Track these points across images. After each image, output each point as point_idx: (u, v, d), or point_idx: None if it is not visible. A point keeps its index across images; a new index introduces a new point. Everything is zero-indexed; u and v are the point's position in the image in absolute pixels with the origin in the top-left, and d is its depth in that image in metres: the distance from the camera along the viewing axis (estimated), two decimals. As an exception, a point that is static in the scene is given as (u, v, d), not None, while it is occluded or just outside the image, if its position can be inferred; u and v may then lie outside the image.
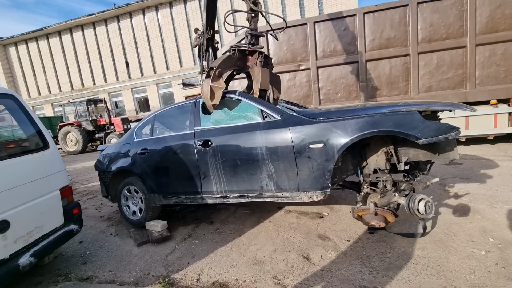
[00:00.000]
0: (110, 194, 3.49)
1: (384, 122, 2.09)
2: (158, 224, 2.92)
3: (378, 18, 5.04)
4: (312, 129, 2.32)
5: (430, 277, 1.89)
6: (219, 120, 2.86)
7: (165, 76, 19.47)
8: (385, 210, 2.29)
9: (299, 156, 2.36)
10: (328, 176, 2.30)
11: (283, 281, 2.03)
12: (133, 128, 3.45)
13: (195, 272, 2.27)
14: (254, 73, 3.00)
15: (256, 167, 2.53)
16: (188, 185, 2.87)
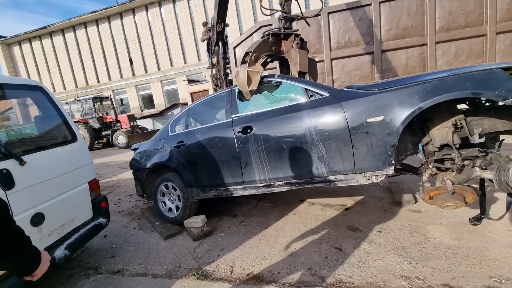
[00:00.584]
0: (146, 192, 3.43)
1: (460, 84, 1.78)
2: (198, 220, 2.88)
3: (394, 7, 4.93)
4: (368, 101, 2.07)
5: (472, 267, 1.85)
6: (258, 106, 2.70)
7: (169, 72, 19.41)
8: (465, 187, 1.89)
9: (355, 133, 2.12)
10: (391, 153, 2.04)
11: (319, 272, 2.00)
12: (167, 123, 3.40)
13: (227, 264, 2.24)
14: (291, 56, 2.95)
15: (304, 150, 2.33)
16: (228, 176, 2.72)
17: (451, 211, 2.63)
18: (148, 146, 3.44)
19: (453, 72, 1.87)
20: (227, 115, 2.82)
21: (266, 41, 2.86)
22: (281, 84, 2.62)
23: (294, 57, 2.88)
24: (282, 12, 3.10)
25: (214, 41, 6.83)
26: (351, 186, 3.67)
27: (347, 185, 2.34)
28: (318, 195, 3.53)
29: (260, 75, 2.70)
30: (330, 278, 1.91)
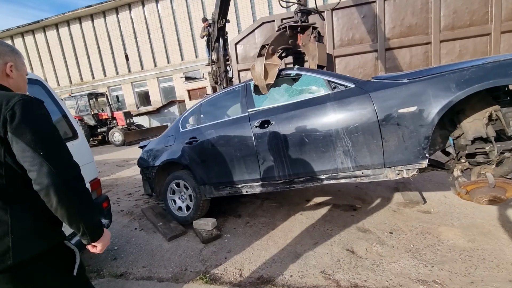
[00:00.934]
0: (155, 191, 3.32)
1: (503, 70, 1.69)
2: (208, 223, 2.78)
3: (399, 4, 4.86)
4: (400, 91, 1.97)
5: (490, 270, 1.80)
6: (276, 99, 2.61)
7: (166, 69, 19.16)
8: (507, 180, 1.81)
9: (384, 124, 2.02)
10: (425, 145, 1.94)
11: (333, 275, 1.93)
12: (178, 119, 3.29)
13: (235, 267, 2.16)
14: (309, 49, 2.87)
15: (328, 144, 2.21)
16: (245, 172, 2.62)
17: (462, 212, 2.59)
18: (157, 143, 3.35)
19: (491, 60, 1.77)
20: (243, 109, 2.71)
21: (283, 34, 2.79)
22: (300, 77, 2.53)
23: (313, 50, 2.81)
24: (299, 5, 3.03)
25: (214, 37, 6.72)
26: (357, 186, 3.62)
27: (375, 181, 2.25)
28: (324, 194, 3.46)
29: (278, 68, 2.60)
30: (345, 282, 1.84)
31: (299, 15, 2.97)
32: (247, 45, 5.78)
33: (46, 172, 0.84)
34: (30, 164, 0.85)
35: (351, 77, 2.32)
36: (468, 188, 1.91)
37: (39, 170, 0.85)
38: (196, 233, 2.77)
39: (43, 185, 0.84)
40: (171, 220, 3.10)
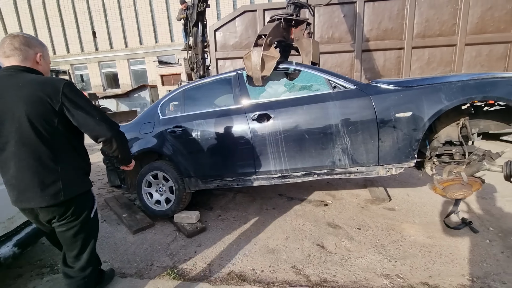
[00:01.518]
0: (125, 182, 2.99)
1: (482, 87, 2.00)
2: (192, 216, 2.65)
3: (377, 8, 5.01)
4: (398, 97, 2.17)
5: (446, 265, 1.94)
6: (274, 93, 2.58)
7: (138, 51, 18.06)
8: (475, 178, 2.13)
9: (382, 126, 2.20)
10: (415, 147, 2.18)
11: (303, 270, 1.95)
12: (155, 105, 2.99)
13: (205, 262, 2.10)
14: (302, 45, 2.83)
15: (328, 141, 2.32)
16: (238, 165, 2.56)
17: (422, 210, 2.76)
18: (129, 129, 2.94)
19: (473, 77, 2.08)
20: (236, 100, 2.62)
21: (278, 26, 2.70)
22: (299, 72, 2.53)
23: (307, 46, 2.77)
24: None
25: (193, 22, 6.41)
26: (328, 182, 3.71)
27: (366, 176, 2.41)
28: (296, 189, 3.50)
29: (276, 61, 2.51)
30: (315, 277, 1.87)
31: (292, 7, 2.91)
32: (227, 33, 5.59)
33: (106, 128, 1.28)
34: (93, 125, 1.25)
35: (351, 79, 2.44)
36: (445, 184, 2.17)
37: (101, 128, 1.27)
38: (178, 227, 2.63)
39: (108, 137, 1.29)
40: (138, 212, 2.92)
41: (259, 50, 2.44)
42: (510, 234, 2.26)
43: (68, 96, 1.19)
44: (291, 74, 2.66)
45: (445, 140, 2.26)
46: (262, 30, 2.67)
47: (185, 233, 2.50)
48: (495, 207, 2.74)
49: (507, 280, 1.75)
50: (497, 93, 1.98)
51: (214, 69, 5.76)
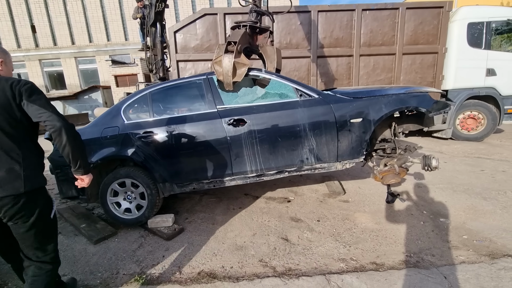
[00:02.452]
0: (86, 193, 2.70)
1: (410, 100, 2.65)
2: (167, 219, 2.64)
3: (330, 17, 5.45)
4: (352, 105, 2.63)
5: (390, 246, 2.25)
6: (247, 99, 2.75)
7: (87, 49, 16.69)
8: (403, 169, 2.79)
9: (340, 130, 2.62)
10: (364, 146, 2.69)
11: (270, 262, 2.09)
12: (116, 109, 2.79)
13: (174, 265, 2.11)
14: (266, 52, 2.98)
15: (298, 143, 2.64)
16: (216, 168, 2.67)
17: (371, 200, 3.12)
18: (87, 133, 2.70)
19: (404, 91, 2.70)
20: (209, 104, 2.70)
21: (246, 33, 2.81)
22: (269, 80, 2.75)
23: (271, 54, 2.93)
24: (254, 5, 3.08)
25: (150, 21, 6.18)
26: (290, 180, 3.95)
27: (327, 171, 2.80)
28: (261, 188, 3.66)
29: (247, 67, 2.63)
30: (280, 268, 2.02)
31: (254, 15, 3.03)
32: (187, 35, 5.55)
33: (56, 119, 1.31)
34: (45, 116, 1.30)
35: (314, 88, 2.81)
36: (383, 174, 2.80)
37: (52, 119, 1.30)
38: (154, 231, 2.58)
39: (57, 127, 1.30)
40: (97, 221, 2.78)
41: (231, 57, 2.54)
42: (439, 216, 2.69)
43: (26, 90, 1.30)
44: (260, 81, 2.82)
45: (380, 138, 2.95)
46: (231, 37, 2.75)
47: (164, 237, 2.48)
48: (427, 194, 3.23)
49: (436, 253, 2.11)
50: (416, 104, 2.67)
51: (175, 71, 5.67)
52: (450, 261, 2.01)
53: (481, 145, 5.52)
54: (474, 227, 2.46)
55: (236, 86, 2.71)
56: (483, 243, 2.21)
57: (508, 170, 3.91)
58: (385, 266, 1.99)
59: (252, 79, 2.83)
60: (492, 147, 5.33)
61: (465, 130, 5.85)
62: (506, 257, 2.02)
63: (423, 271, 1.91)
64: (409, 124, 3.04)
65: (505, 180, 3.55)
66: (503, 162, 4.34)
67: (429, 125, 2.92)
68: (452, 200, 3.02)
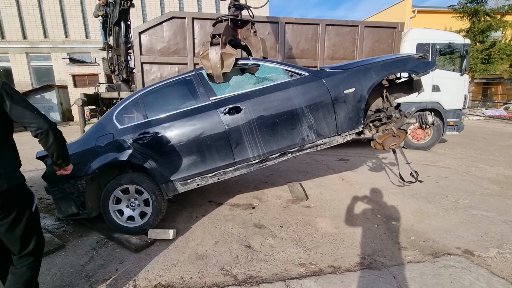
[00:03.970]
0: (86, 206, 2.59)
1: (396, 64, 2.71)
2: (169, 232, 2.53)
3: (296, 30, 5.68)
4: (343, 77, 2.66)
5: (347, 249, 2.36)
6: (240, 87, 2.71)
7: (42, 45, 15.33)
8: (401, 131, 2.89)
9: (336, 102, 2.64)
10: (361, 114, 2.70)
11: (231, 271, 2.06)
12: (108, 116, 2.74)
13: (128, 279, 1.98)
14: (251, 42, 3.00)
15: (296, 121, 2.63)
16: (217, 159, 2.62)
17: (332, 205, 3.26)
18: (79, 147, 2.61)
19: (389, 58, 2.77)
20: (202, 98, 2.70)
21: (228, 26, 2.82)
22: (258, 66, 2.75)
23: (256, 44, 2.97)
24: (233, 0, 3.15)
25: (114, 20, 5.91)
26: (255, 186, 3.97)
27: (329, 146, 2.80)
28: (226, 195, 3.62)
29: (234, 57, 2.63)
30: (242, 275, 2.00)
31: (233, 9, 3.10)
32: (154, 37, 5.38)
33: (43, 121, 1.35)
34: (31, 118, 1.33)
35: (303, 67, 2.85)
36: (382, 139, 2.87)
37: (38, 121, 1.34)
38: (123, 243, 2.43)
39: (45, 129, 1.35)
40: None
41: (217, 49, 2.56)
42: (391, 219, 2.90)
43: (8, 91, 1.31)
44: (250, 69, 2.87)
45: (375, 108, 3.00)
46: (215, 30, 2.76)
47: (132, 248, 2.34)
48: (381, 199, 3.46)
49: (387, 254, 2.25)
50: (404, 67, 2.73)
51: (139, 73, 5.43)
52: (399, 261, 2.16)
53: (428, 153, 6.10)
54: (421, 228, 2.69)
55: (226, 78, 2.73)
56: (427, 243, 2.42)
57: (449, 176, 4.37)
58: (342, 269, 2.08)
59: (241, 70, 2.86)
60: (437, 155, 5.92)
61: (415, 139, 6.43)
62: (446, 256, 2.23)
63: (375, 272, 2.03)
64: (400, 93, 3.10)
65: (447, 185, 3.95)
66: (446, 169, 4.84)
67: (419, 90, 2.94)
68: (402, 204, 3.28)
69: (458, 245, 2.39)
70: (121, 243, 2.39)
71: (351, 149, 6.51)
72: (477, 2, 14.80)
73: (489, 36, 15.17)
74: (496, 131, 9.68)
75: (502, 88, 21.10)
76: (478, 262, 2.14)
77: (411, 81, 2.97)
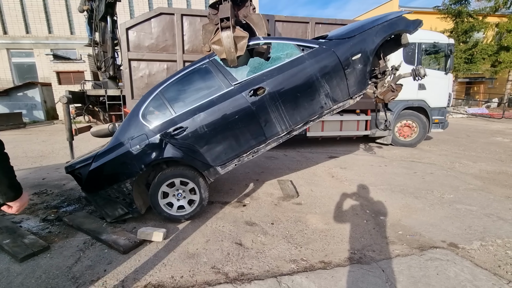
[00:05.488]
0: (136, 205, 2.74)
1: (393, 26, 3.00)
2: (159, 234, 2.44)
3: (286, 27, 5.67)
4: (349, 44, 2.86)
5: (337, 244, 2.39)
6: (255, 68, 2.83)
7: (24, 40, 14.77)
8: (399, 85, 3.35)
9: (346, 69, 2.85)
10: (367, 76, 2.98)
11: (223, 269, 2.05)
12: (133, 117, 2.74)
13: (117, 279, 1.94)
14: (253, 20, 2.95)
15: (314, 92, 2.83)
16: (250, 138, 2.79)
17: (322, 202, 3.30)
18: (114, 154, 2.61)
19: (385, 20, 3.01)
20: (225, 84, 2.76)
21: (232, 6, 2.79)
22: (270, 44, 2.88)
23: (258, 21, 2.95)
24: None
25: (100, 15, 5.76)
26: (246, 184, 3.97)
27: (343, 108, 3.10)
28: (217, 193, 3.60)
29: (246, 39, 2.63)
30: (233, 273, 2.00)
31: None
32: (142, 33, 5.27)
33: None
34: None
35: (312, 40, 3.07)
36: (383, 94, 3.30)
37: None
38: (110, 244, 2.34)
39: None
40: (26, 235, 2.43)
41: (229, 32, 2.56)
42: (379, 214, 2.96)
43: None
44: (259, 49, 2.91)
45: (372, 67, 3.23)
46: (222, 13, 2.71)
47: (120, 250, 2.27)
48: (370, 194, 3.53)
49: (376, 249, 2.30)
50: (402, 27, 3.05)
51: (126, 70, 5.30)
52: (387, 255, 2.21)
53: (415, 150, 6.26)
54: (408, 223, 2.75)
55: (239, 61, 2.75)
56: (414, 237, 2.49)
57: (435, 172, 4.50)
58: (332, 264, 2.10)
59: (249, 51, 2.87)
60: (423, 152, 6.08)
61: (402, 137, 6.58)
62: (432, 249, 2.29)
63: (365, 266, 2.06)
64: (389, 50, 3.38)
65: (432, 181, 4.07)
66: (431, 165, 4.98)
67: (405, 44, 3.20)
68: (390, 199, 3.35)
69: (443, 238, 2.46)
70: (109, 245, 2.34)
71: (341, 147, 6.60)
72: (460, 3, 15.26)
73: (471, 36, 15.69)
74: (478, 129, 10.04)
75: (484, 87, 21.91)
76: (462, 254, 2.21)
77: (399, 38, 3.20)
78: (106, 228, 2.58)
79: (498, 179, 4.15)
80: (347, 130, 6.40)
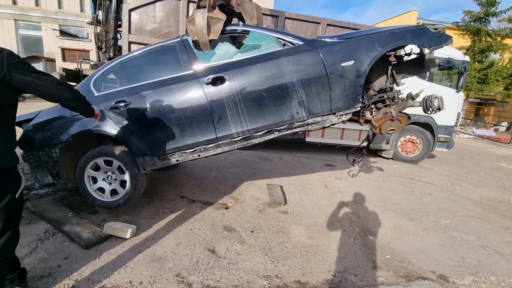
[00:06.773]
0: (61, 176, 2.56)
1: (404, 35, 2.36)
2: (127, 230, 2.25)
3: (296, 26, 5.46)
4: (341, 47, 2.34)
5: (318, 263, 2.20)
6: (226, 55, 2.48)
7: (32, 13, 14.59)
8: (403, 114, 2.58)
9: (332, 76, 2.34)
10: (359, 91, 2.39)
11: (188, 278, 1.87)
12: (86, 81, 2.59)
13: (69, 278, 1.76)
14: (245, 9, 2.73)
15: (285, 96, 2.37)
16: (197, 133, 2.44)
17: (309, 213, 3.10)
18: (54, 113, 2.51)
19: (399, 28, 2.42)
20: (185, 66, 2.48)
21: None
22: (248, 33, 2.50)
23: (250, 10, 2.72)
24: None
25: (105, -7, 5.54)
26: (234, 185, 3.78)
27: (321, 127, 2.55)
28: (200, 192, 3.42)
29: (222, 22, 2.37)
30: (198, 284, 1.81)
31: None
32: (145, 16, 5.07)
33: (65, 89, 1.41)
34: (50, 88, 1.34)
35: (298, 35, 2.54)
36: (379, 122, 2.56)
37: (59, 90, 1.38)
38: (72, 237, 2.16)
39: (68, 97, 1.43)
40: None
41: (203, 12, 2.30)
42: (368, 233, 2.76)
43: (14, 64, 1.20)
44: (240, 37, 2.64)
45: (379, 88, 2.64)
46: None
47: (82, 244, 2.08)
48: (362, 210, 3.32)
49: (359, 273, 2.10)
50: (413, 38, 2.39)
51: (125, 52, 5.12)
52: (370, 282, 2.01)
53: (416, 167, 6.03)
54: (397, 247, 2.55)
55: (213, 46, 2.49)
56: (402, 264, 2.29)
57: (433, 193, 4.28)
58: (308, 286, 1.91)
59: (231, 38, 2.64)
60: (424, 170, 5.85)
61: (404, 152, 6.34)
62: (419, 279, 2.09)
63: (343, 292, 1.87)
64: (409, 70, 2.78)
65: (430, 202, 3.85)
66: (431, 185, 4.75)
67: (431, 68, 2.65)
68: (382, 218, 3.15)
69: (433, 268, 2.26)
70: (70, 237, 2.15)
71: (339, 155, 6.38)
72: (480, 21, 14.87)
73: (488, 56, 15.32)
74: (484, 152, 9.77)
75: (494, 110, 21.51)
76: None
77: (423, 59, 2.65)
78: (71, 219, 2.40)
79: (498, 207, 3.93)
80: (348, 139, 6.17)
